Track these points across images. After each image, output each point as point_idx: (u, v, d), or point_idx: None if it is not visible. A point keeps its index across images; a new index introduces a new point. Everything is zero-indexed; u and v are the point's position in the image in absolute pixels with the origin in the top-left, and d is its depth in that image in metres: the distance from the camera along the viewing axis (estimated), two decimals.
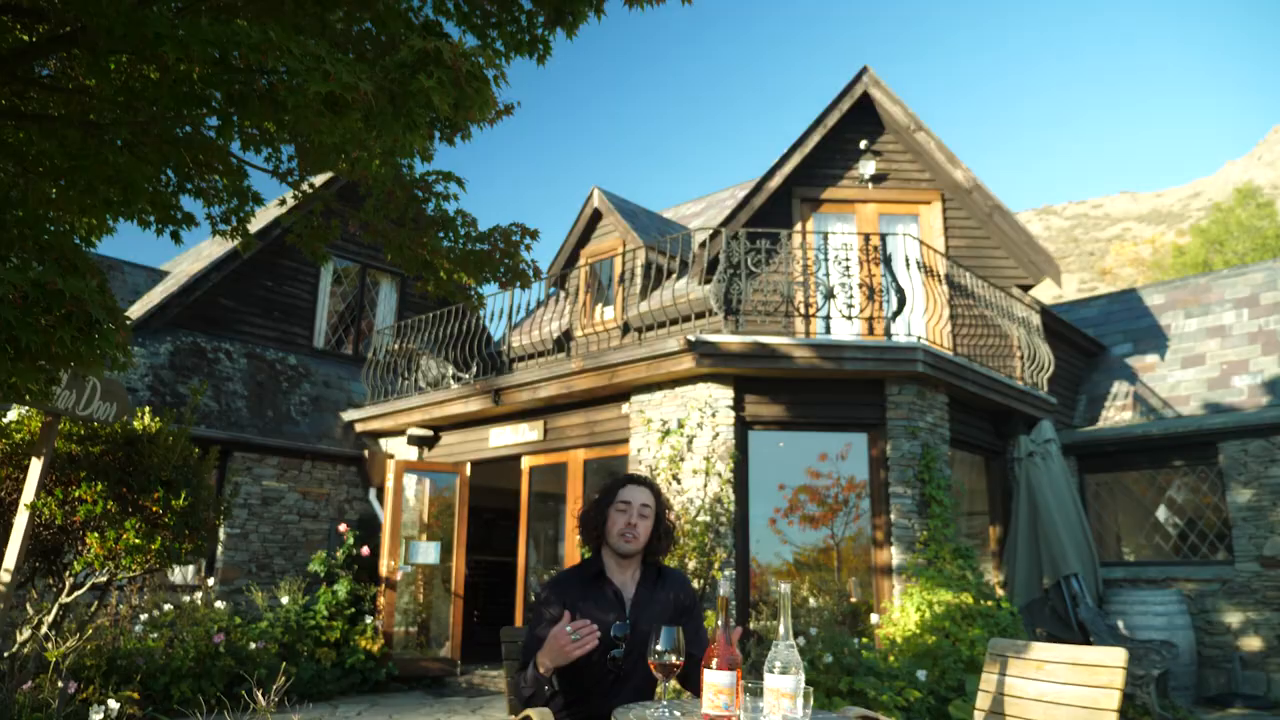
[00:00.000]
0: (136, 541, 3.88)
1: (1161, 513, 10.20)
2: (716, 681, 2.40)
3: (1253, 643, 9.03)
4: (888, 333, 8.15)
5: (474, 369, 10.36)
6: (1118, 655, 2.60)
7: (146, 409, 4.40)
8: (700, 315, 10.29)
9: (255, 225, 12.03)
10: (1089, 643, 8.62)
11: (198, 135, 3.38)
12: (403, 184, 4.02)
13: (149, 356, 10.27)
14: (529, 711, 2.72)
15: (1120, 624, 8.99)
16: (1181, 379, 11.48)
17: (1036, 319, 10.31)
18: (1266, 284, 11.91)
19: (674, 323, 10.32)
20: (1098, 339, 12.53)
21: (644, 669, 2.91)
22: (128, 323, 2.85)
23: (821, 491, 8.44)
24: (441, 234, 3.91)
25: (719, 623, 2.48)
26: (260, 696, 3.21)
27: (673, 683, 2.57)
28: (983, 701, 2.98)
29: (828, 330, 8.40)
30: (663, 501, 3.15)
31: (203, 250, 13.78)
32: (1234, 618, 9.20)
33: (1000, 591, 8.62)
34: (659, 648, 2.52)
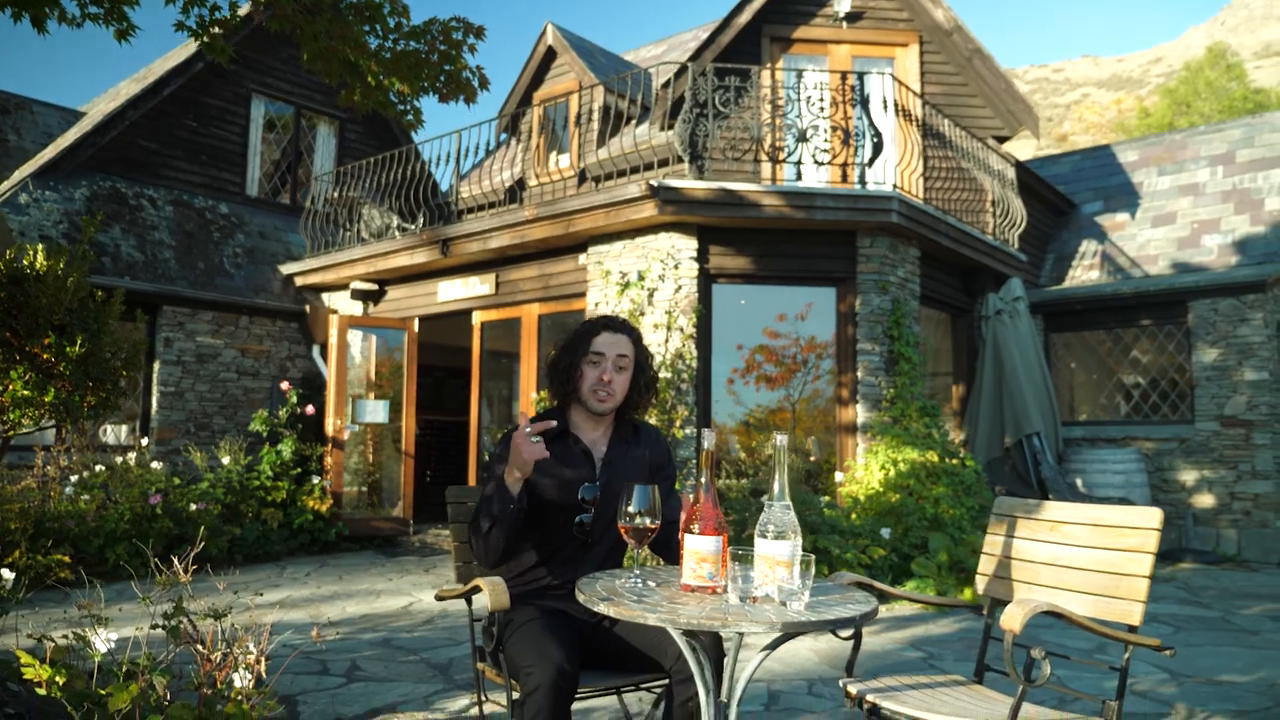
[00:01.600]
0: (26, 393, 3.38)
1: (1125, 373, 10.11)
2: (699, 548, 2.03)
3: (1205, 500, 9.11)
4: (861, 180, 7.67)
5: (420, 219, 9.72)
6: (1152, 516, 2.28)
7: (39, 246, 3.81)
8: (663, 163, 9.69)
9: (176, 59, 10.99)
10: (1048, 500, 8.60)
11: None
12: None
13: (62, 201, 9.44)
14: (479, 581, 2.35)
15: (1079, 482, 8.98)
16: (1151, 238, 11.23)
17: (1011, 172, 9.88)
18: (1243, 140, 11.57)
19: (634, 171, 9.70)
20: (1069, 196, 12.18)
21: (613, 535, 2.54)
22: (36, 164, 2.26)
23: (779, 352, 8.13)
24: (367, 27, 3.28)
25: (701, 481, 2.10)
26: (178, 562, 2.79)
27: (645, 550, 2.20)
28: (986, 566, 2.68)
29: (798, 178, 7.89)
30: (644, 350, 2.71)
31: (120, 90, 12.66)
32: (1189, 476, 9.24)
33: (963, 451, 8.50)
34: (631, 509, 2.14)
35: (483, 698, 2.59)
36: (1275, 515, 8.82)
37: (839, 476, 7.66)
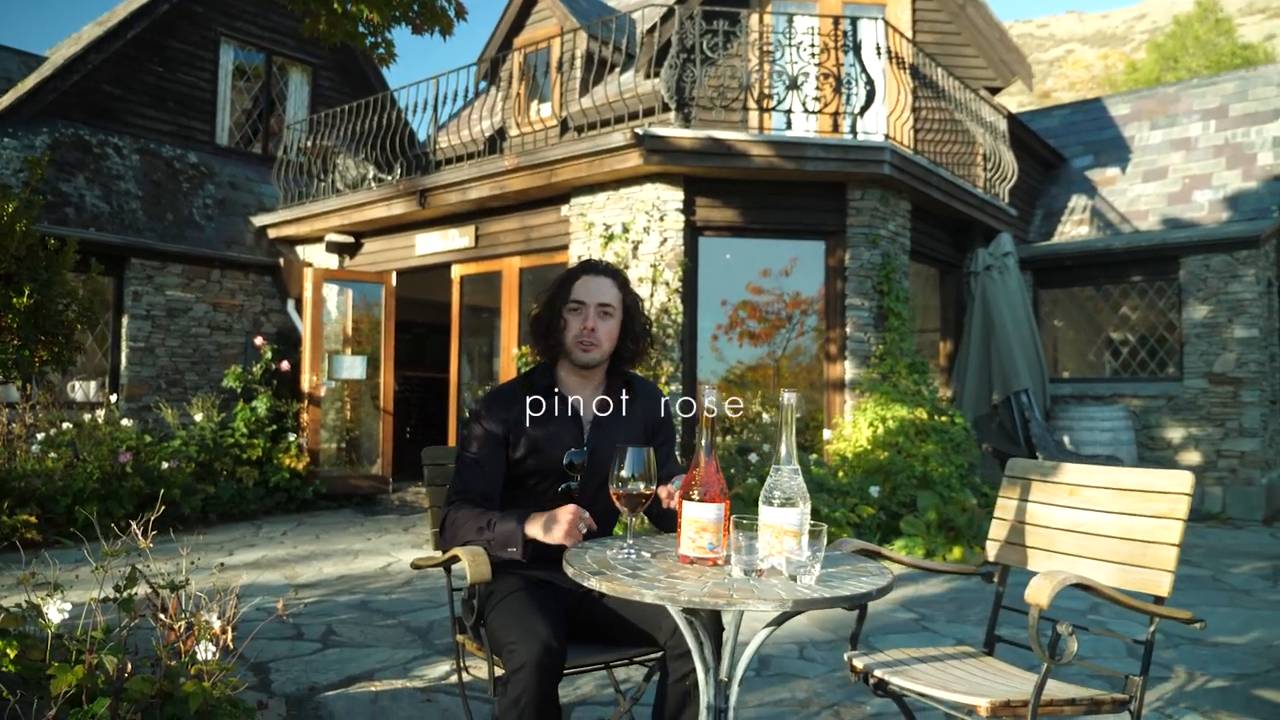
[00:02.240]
0: None
1: (1114, 330, 10.01)
2: (699, 516, 1.86)
3: (1191, 457, 9.06)
4: (852, 130, 7.43)
5: (397, 169, 9.41)
6: (1183, 480, 2.13)
7: None
8: (648, 113, 9.40)
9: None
10: (1035, 458, 8.53)
11: None
12: None
13: (22, 149, 9.06)
14: (458, 550, 2.17)
15: (1066, 439, 8.91)
16: (1142, 193, 11.07)
17: (1003, 124, 9.66)
18: (1237, 94, 11.39)
19: (618, 121, 9.39)
20: (1059, 150, 11.98)
21: (603, 502, 2.36)
22: None
23: (763, 308, 7.95)
24: None
25: (702, 443, 1.92)
26: (142, 524, 2.60)
27: (638, 518, 2.03)
28: (997, 531, 2.53)
29: (788, 128, 7.65)
30: (632, 295, 2.49)
31: (83, 34, 12.15)
32: (1176, 433, 9.19)
33: (952, 408, 8.38)
34: (623, 473, 1.96)
35: (463, 663, 2.43)
36: (1260, 473, 8.80)
37: (827, 434, 7.54)
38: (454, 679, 3.58)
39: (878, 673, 2.15)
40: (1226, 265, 9.05)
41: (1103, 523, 2.28)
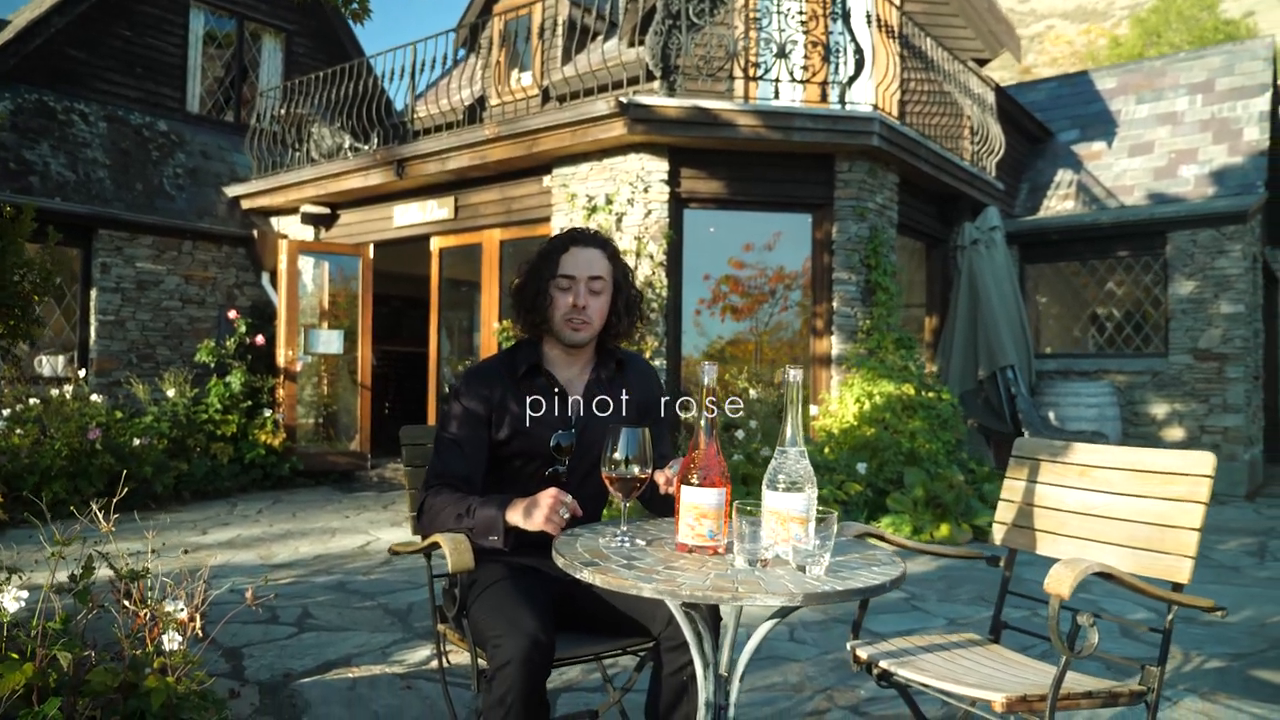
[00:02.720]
0: None
1: (1099, 305, 9.96)
2: (699, 502, 1.73)
3: (1175, 433, 9.05)
4: (841, 100, 7.28)
5: (374, 139, 9.17)
6: (1205, 461, 2.02)
7: None
8: (632, 82, 9.19)
9: None
10: (1020, 434, 8.48)
11: None
12: None
13: None
14: (438, 537, 2.03)
15: (1051, 415, 8.86)
16: (1128, 168, 11.00)
17: (991, 97, 9.54)
18: (1223, 69, 11.30)
19: (601, 90, 9.17)
20: (1045, 123, 11.87)
21: (591, 486, 2.23)
22: None
23: (745, 283, 7.82)
24: None
25: (701, 423, 1.79)
26: (95, 507, 2.44)
27: (633, 502, 1.90)
28: (1004, 514, 2.42)
29: (775, 97, 7.48)
30: (622, 265, 2.33)
31: None
32: (1160, 409, 9.17)
33: (939, 384, 8.30)
34: (617, 455, 1.83)
35: (443, 649, 2.30)
36: (1244, 448, 8.80)
37: (813, 410, 7.44)
38: (434, 664, 3.46)
39: (883, 664, 2.04)
40: (1214, 240, 8.99)
41: (1117, 505, 2.17)
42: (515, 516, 1.98)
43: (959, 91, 9.08)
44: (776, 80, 7.16)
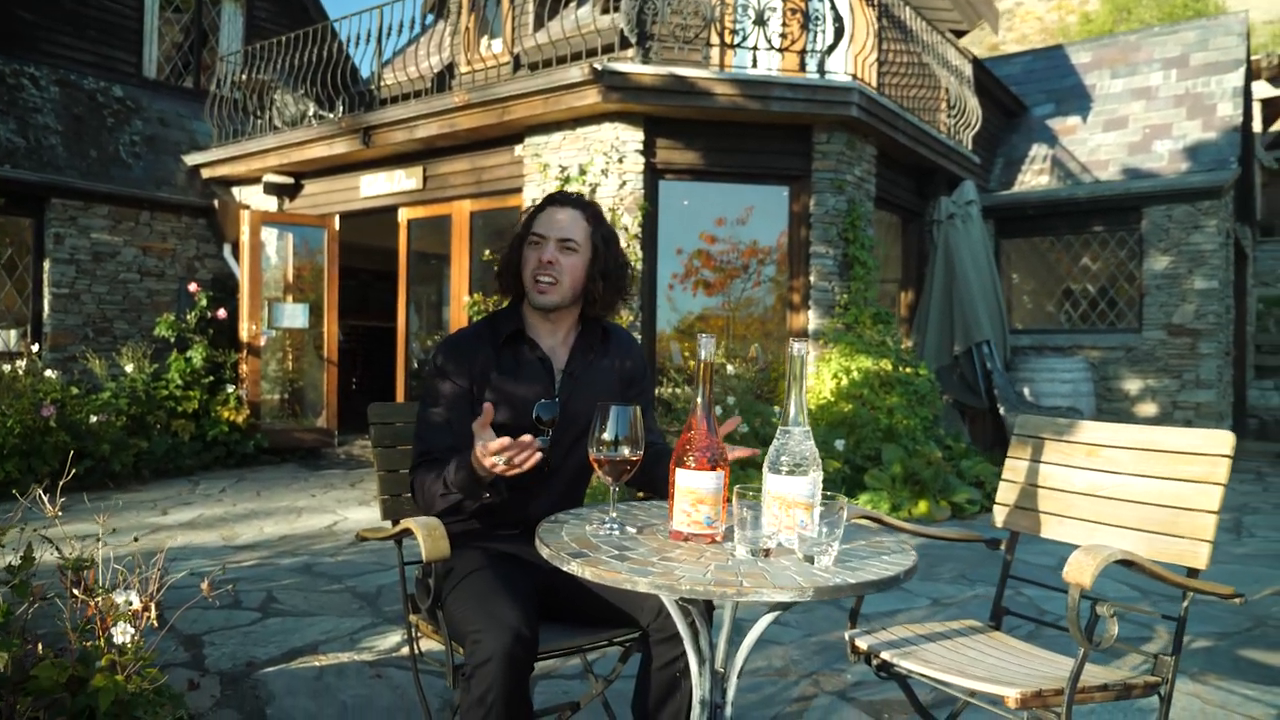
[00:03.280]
0: None
1: (1074, 281, 9.94)
2: (696, 486, 1.60)
3: (1148, 408, 9.07)
4: (821, 69, 7.13)
5: (339, 106, 8.88)
6: (1224, 440, 1.92)
7: None
8: (606, 49, 8.93)
9: None
10: (995, 410, 8.46)
11: None
12: None
13: None
14: (409, 523, 1.88)
15: (1026, 391, 8.84)
16: (1102, 142, 10.95)
17: (969, 69, 9.44)
18: (1198, 43, 11.27)
19: (574, 58, 8.90)
20: (1020, 97, 11.80)
21: (576, 463, 2.10)
22: None
23: (717, 257, 7.68)
24: None
25: (699, 400, 1.65)
26: (40, 489, 2.27)
27: (621, 487, 1.76)
28: (1005, 495, 2.32)
29: (753, 66, 7.32)
30: (605, 229, 2.18)
31: None
32: (1134, 384, 9.18)
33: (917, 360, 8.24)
34: (606, 435, 1.68)
35: (415, 638, 2.15)
36: (1215, 423, 8.83)
37: None
38: (406, 650, 3.32)
39: (884, 655, 1.93)
40: (1189, 216, 8.98)
41: (1128, 487, 2.07)
42: (479, 460, 1.81)
43: (937, 63, 8.96)
44: (754, 48, 6.99)
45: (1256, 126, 14.12)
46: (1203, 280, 8.85)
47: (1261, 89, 14.94)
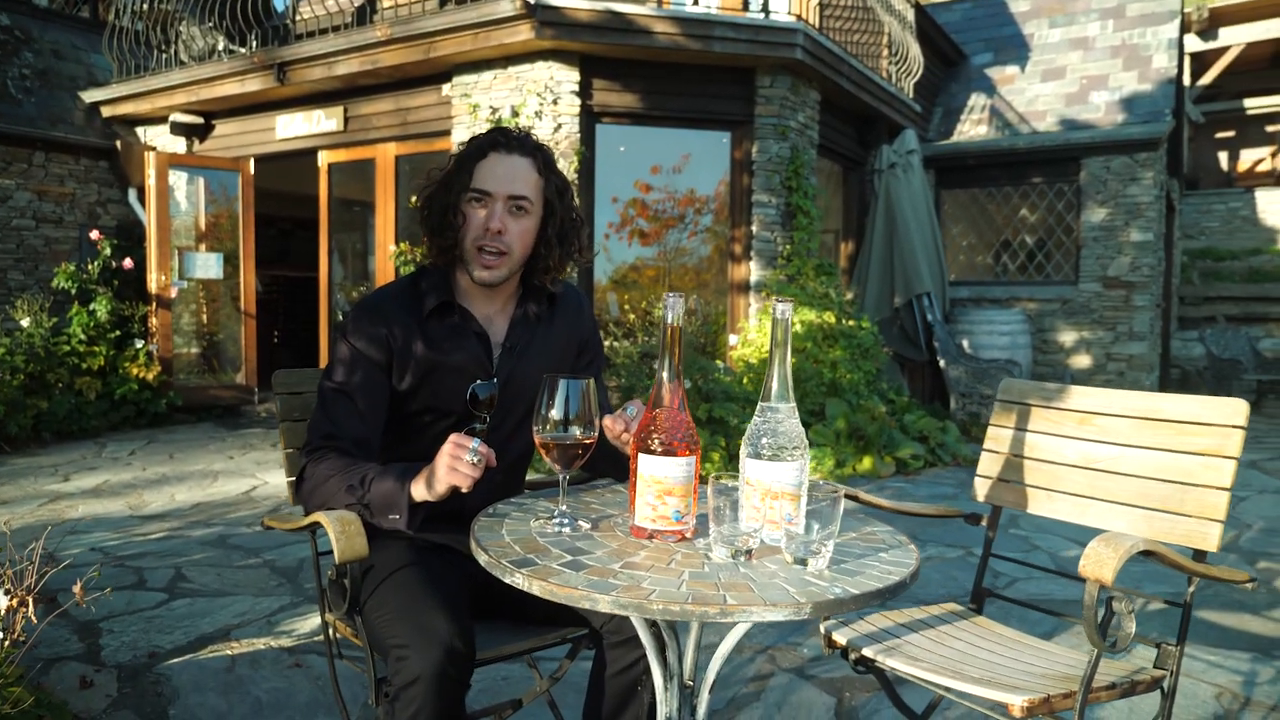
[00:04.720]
0: None
1: (1013, 232, 9.90)
2: (662, 475, 1.35)
3: (1083, 360, 9.13)
4: (765, 9, 6.83)
5: (251, 40, 8.28)
6: (1236, 410, 1.74)
7: None
8: None
9: None
10: (935, 363, 8.40)
11: None
12: None
13: None
14: (320, 516, 1.59)
15: (965, 343, 8.80)
16: (1040, 93, 10.88)
17: (911, 14, 9.22)
18: None
19: None
20: (959, 45, 11.64)
21: (518, 448, 1.83)
22: None
23: (652, 206, 7.40)
24: None
25: (664, 373, 1.39)
26: None
27: (570, 474, 1.50)
28: (988, 466, 2.13)
29: (695, 3, 6.99)
30: (559, 180, 1.84)
31: None
32: (1069, 336, 9.22)
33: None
34: (554, 414, 1.42)
35: (332, 638, 1.88)
36: (1146, 375, 8.94)
37: (732, 339, 7.15)
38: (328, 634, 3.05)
39: (867, 651, 1.72)
40: (1126, 168, 8.97)
41: (1126, 459, 1.89)
42: (420, 489, 1.54)
43: (880, 7, 8.71)
44: None
45: (1186, 80, 14.24)
46: (1139, 233, 8.88)
47: (1192, 43, 15.05)
